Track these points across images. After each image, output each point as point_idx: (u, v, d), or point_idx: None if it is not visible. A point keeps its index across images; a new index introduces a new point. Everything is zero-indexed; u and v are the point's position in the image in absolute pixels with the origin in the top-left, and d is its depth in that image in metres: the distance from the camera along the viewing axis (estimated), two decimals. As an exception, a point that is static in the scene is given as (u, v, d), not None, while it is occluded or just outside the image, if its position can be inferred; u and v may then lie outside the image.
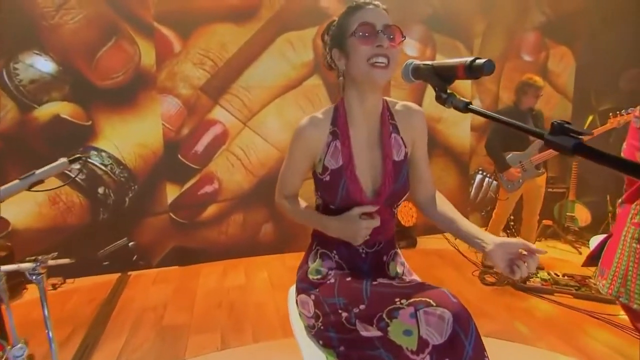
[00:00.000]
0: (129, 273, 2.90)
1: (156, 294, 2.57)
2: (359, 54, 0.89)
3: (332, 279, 0.98)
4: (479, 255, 3.08)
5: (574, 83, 4.09)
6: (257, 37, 3.06)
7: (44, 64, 2.70)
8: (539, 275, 2.66)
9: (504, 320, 2.18)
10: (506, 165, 2.73)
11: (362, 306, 0.86)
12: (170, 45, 2.93)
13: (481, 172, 3.87)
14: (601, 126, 2.66)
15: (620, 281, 1.23)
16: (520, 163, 2.75)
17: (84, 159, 1.03)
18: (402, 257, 1.12)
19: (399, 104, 1.05)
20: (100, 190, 2.92)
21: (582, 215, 3.42)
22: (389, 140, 1.00)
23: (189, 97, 3.00)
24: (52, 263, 1.05)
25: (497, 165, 2.81)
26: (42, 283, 1.05)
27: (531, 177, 2.77)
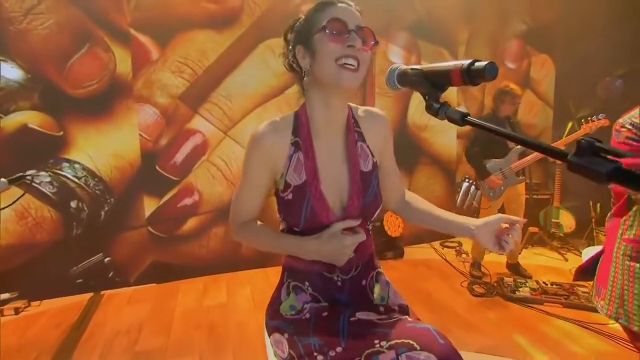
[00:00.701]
0: (102, 292, 2.73)
1: (130, 315, 2.42)
2: (327, 52, 0.79)
3: (307, 313, 0.88)
4: (467, 265, 3.04)
5: (554, 90, 4.15)
6: (238, 44, 2.97)
7: (10, 71, 2.54)
8: (527, 285, 2.62)
9: (494, 333, 2.12)
10: (487, 173, 2.71)
11: (339, 349, 0.78)
12: (147, 53, 2.82)
13: (467, 179, 3.86)
14: (575, 132, 2.73)
15: (617, 302, 1.16)
16: (501, 170, 2.73)
17: (29, 178, 0.92)
18: (385, 276, 1.02)
19: (361, 110, 0.96)
20: (73, 203, 2.76)
21: (567, 222, 3.43)
22: (355, 150, 0.90)
23: (167, 106, 2.88)
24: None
25: (478, 173, 2.79)
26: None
27: (512, 184, 2.75)
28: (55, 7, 2.57)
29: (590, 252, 1.42)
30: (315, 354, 0.80)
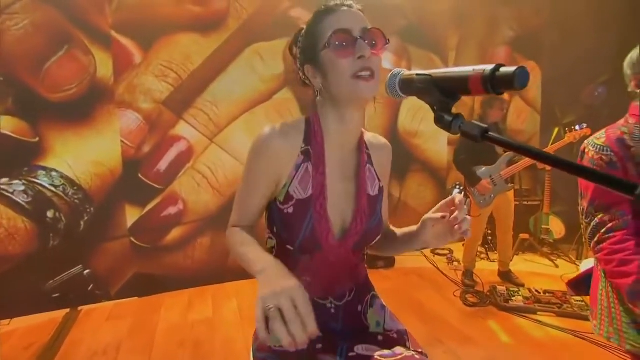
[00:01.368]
0: (80, 308, 2.59)
1: (109, 333, 2.28)
2: (338, 69, 0.72)
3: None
4: (459, 274, 2.99)
5: (541, 97, 4.19)
6: (224, 48, 2.89)
7: (-19, 75, 2.41)
8: (520, 294, 2.59)
9: (489, 345, 2.08)
10: (477, 179, 2.68)
11: None
12: (129, 56, 2.71)
13: (458, 186, 3.83)
14: (561, 140, 2.77)
15: (607, 320, 1.12)
16: (491, 177, 2.70)
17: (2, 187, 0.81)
18: (381, 299, 0.95)
19: (368, 135, 0.90)
20: (50, 213, 2.62)
21: (557, 228, 3.43)
22: (364, 172, 0.84)
23: (150, 112, 2.77)
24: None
25: (468, 179, 2.75)
26: None
27: (502, 191, 2.73)
28: (32, 7, 2.45)
29: (588, 265, 1.38)
30: None
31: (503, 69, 0.44)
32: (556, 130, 3.62)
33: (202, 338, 2.20)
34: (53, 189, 2.62)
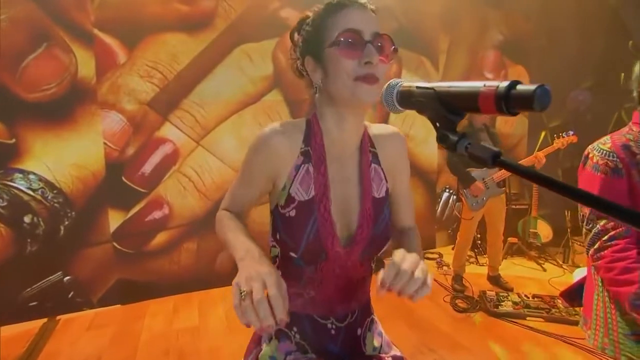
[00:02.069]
0: (58, 318, 2.48)
1: (90, 343, 2.19)
2: (342, 70, 0.69)
3: None
4: (449, 278, 2.99)
5: (529, 101, 4.23)
6: (212, 49, 2.82)
7: (-47, 73, 2.30)
8: (510, 299, 2.59)
9: (479, 351, 2.06)
10: (471, 179, 2.67)
11: None
12: (113, 56, 2.62)
13: (448, 190, 3.84)
14: (549, 146, 2.79)
15: (602, 331, 1.10)
16: (483, 180, 2.71)
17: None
18: (380, 326, 0.90)
19: (375, 127, 0.85)
20: (27, 218, 2.52)
21: (544, 231, 3.45)
22: (369, 173, 0.79)
23: (134, 113, 2.68)
24: None
25: (462, 181, 2.75)
26: None
27: (493, 195, 2.74)
28: (8, 2, 2.34)
29: (581, 273, 1.36)
30: None
31: (520, 87, 0.38)
32: (543, 133, 3.66)
33: (188, 346, 2.13)
34: (31, 192, 2.52)
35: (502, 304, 2.53)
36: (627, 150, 1.04)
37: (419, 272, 0.62)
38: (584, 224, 1.12)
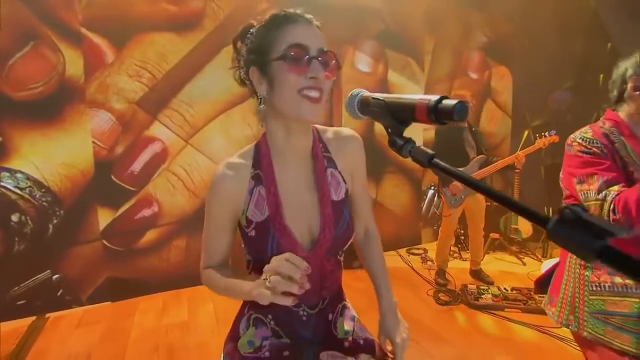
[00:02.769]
0: (47, 315, 2.50)
1: (79, 341, 2.21)
2: (286, 84, 0.71)
3: (266, 352, 0.82)
4: (433, 273, 3.08)
5: (512, 101, 4.36)
6: (200, 48, 2.85)
7: (-62, 71, 2.29)
8: (490, 292, 2.69)
9: (461, 343, 2.15)
10: (450, 178, 2.76)
11: None
12: (101, 55, 2.63)
13: (433, 187, 3.94)
14: (531, 145, 2.85)
15: (568, 308, 1.21)
16: None
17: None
18: (353, 310, 0.97)
19: (330, 132, 0.88)
20: (15, 217, 2.52)
21: (525, 227, 3.58)
22: (325, 178, 0.83)
23: (123, 112, 2.70)
24: None
25: (442, 179, 2.84)
26: None
27: (472, 193, 2.82)
28: (-6, 1, 2.33)
29: (549, 264, 1.46)
30: None
31: (445, 102, 0.46)
32: (526, 132, 3.78)
33: (177, 342, 2.17)
34: (18, 191, 2.52)
35: (482, 296, 2.64)
36: (607, 137, 1.15)
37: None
38: (594, 195, 1.10)
